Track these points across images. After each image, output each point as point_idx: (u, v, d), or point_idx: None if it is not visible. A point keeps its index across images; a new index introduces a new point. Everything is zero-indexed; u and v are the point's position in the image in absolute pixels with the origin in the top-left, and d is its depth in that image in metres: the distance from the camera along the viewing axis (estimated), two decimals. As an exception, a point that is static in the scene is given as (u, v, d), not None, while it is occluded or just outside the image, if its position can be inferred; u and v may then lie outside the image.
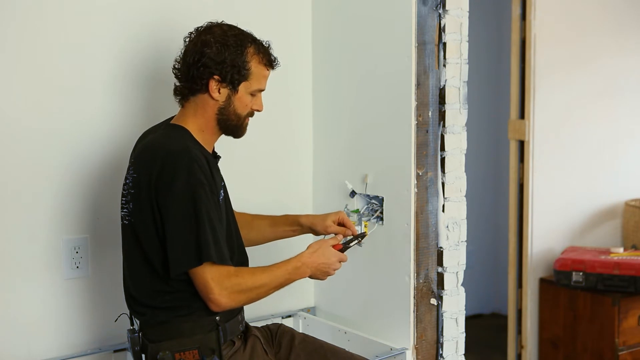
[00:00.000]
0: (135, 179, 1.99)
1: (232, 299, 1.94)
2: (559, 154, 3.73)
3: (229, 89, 2.05)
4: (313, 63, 2.83)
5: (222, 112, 2.07)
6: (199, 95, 2.06)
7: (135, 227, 2.00)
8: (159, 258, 1.97)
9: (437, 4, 2.46)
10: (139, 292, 2.04)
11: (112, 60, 2.39)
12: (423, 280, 2.50)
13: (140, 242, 2.00)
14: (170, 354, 1.98)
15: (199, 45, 2.02)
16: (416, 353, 2.49)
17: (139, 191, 1.98)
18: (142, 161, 2.00)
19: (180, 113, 2.11)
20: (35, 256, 2.30)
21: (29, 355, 2.29)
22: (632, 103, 3.98)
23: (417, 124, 2.45)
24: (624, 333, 3.43)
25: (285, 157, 2.81)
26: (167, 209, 1.92)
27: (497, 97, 4.72)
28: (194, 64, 2.02)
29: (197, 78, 2.03)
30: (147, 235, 1.98)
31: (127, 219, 2.03)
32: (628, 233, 3.90)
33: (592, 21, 3.81)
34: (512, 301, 3.77)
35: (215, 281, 1.91)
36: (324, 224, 2.28)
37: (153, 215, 1.95)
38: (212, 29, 2.06)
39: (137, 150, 2.07)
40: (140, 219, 1.98)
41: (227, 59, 2.02)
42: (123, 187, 2.06)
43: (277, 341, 2.23)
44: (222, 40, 2.02)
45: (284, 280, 2.03)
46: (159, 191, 1.93)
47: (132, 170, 2.02)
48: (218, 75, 2.02)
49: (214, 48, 2.01)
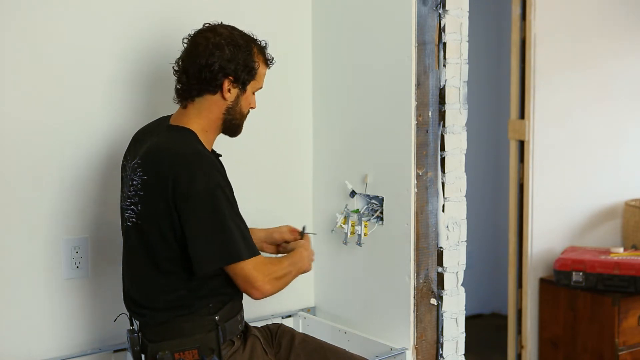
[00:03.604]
0: (145, 181, 1.99)
1: (273, 285, 2.02)
2: (559, 154, 3.73)
3: (239, 89, 2.08)
4: (313, 63, 2.83)
5: (229, 112, 2.09)
6: (206, 96, 2.06)
7: (143, 228, 2.00)
8: (169, 258, 1.98)
9: (437, 4, 2.46)
10: (140, 293, 2.04)
11: (114, 60, 2.39)
12: (423, 280, 2.50)
13: (148, 243, 2.00)
14: (170, 354, 1.98)
15: (210, 47, 2.02)
16: (416, 353, 2.49)
17: (151, 193, 1.97)
18: (153, 163, 1.99)
19: (181, 114, 2.10)
20: (35, 256, 2.30)
21: (29, 355, 2.29)
22: (632, 103, 3.98)
23: (417, 124, 2.45)
24: (624, 333, 3.43)
25: (285, 157, 2.81)
26: (189, 213, 1.93)
27: (497, 97, 4.72)
28: (208, 66, 2.02)
29: (211, 79, 2.03)
30: (158, 236, 1.98)
31: (132, 220, 2.03)
32: (628, 233, 3.90)
33: (592, 21, 3.81)
34: (512, 301, 3.77)
35: (258, 270, 1.98)
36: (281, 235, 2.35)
37: (170, 217, 1.95)
38: (217, 29, 2.06)
39: (141, 152, 2.04)
40: (151, 221, 1.98)
41: (240, 60, 2.04)
42: (128, 188, 2.05)
43: (277, 341, 2.23)
44: (232, 41, 2.04)
45: (297, 270, 2.13)
46: (178, 194, 1.93)
47: (139, 171, 2.00)
48: (232, 75, 2.04)
49: (226, 49, 2.02)
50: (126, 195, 2.06)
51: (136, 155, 2.06)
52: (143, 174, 2.00)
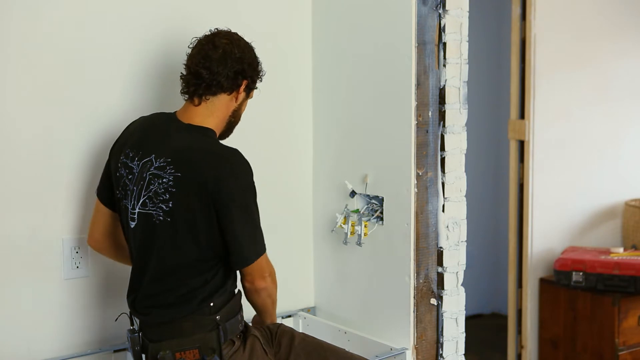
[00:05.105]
0: (179, 178, 1.98)
1: (274, 281, 2.15)
2: (559, 154, 3.73)
3: (245, 93, 2.15)
4: (313, 63, 2.83)
5: (234, 114, 2.15)
6: (220, 96, 2.09)
7: (176, 225, 2.00)
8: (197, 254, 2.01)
9: (437, 4, 2.46)
10: (152, 290, 2.04)
11: (115, 61, 2.39)
12: (423, 280, 2.50)
13: (174, 240, 2.00)
14: (171, 353, 1.98)
15: (236, 50, 2.07)
16: (416, 353, 2.49)
17: (186, 191, 1.98)
18: (188, 162, 1.99)
19: (193, 112, 2.10)
20: (35, 256, 2.29)
21: (29, 355, 2.29)
22: (632, 103, 3.99)
23: (417, 124, 2.45)
24: (624, 333, 3.44)
25: (285, 157, 2.81)
26: (229, 209, 1.99)
27: (497, 97, 4.72)
28: (232, 66, 2.06)
29: (234, 79, 2.08)
30: (192, 232, 1.99)
31: (159, 218, 2.01)
32: (628, 233, 3.90)
33: (592, 21, 3.81)
34: (512, 301, 3.77)
35: (268, 264, 2.12)
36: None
37: (209, 214, 1.98)
38: (235, 35, 2.12)
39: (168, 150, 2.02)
40: (185, 218, 1.99)
41: (255, 65, 2.13)
42: (147, 184, 2.02)
43: (277, 341, 2.23)
44: (249, 47, 2.13)
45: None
46: (216, 192, 1.97)
47: (171, 169, 1.99)
48: (249, 79, 2.11)
49: (247, 54, 2.10)
50: (137, 193, 2.04)
51: (150, 154, 2.04)
52: (175, 171, 1.99)
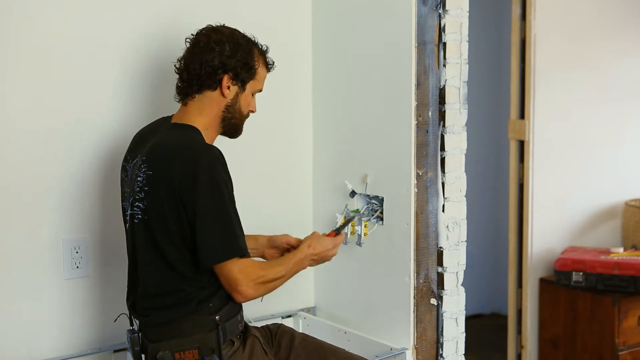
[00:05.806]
0: (150, 177, 1.99)
1: (257, 289, 2.02)
2: (559, 154, 3.73)
3: (238, 87, 2.12)
4: (313, 63, 2.83)
5: (228, 110, 2.12)
6: (206, 93, 2.09)
7: (150, 224, 2.00)
8: (175, 255, 1.99)
9: (437, 4, 2.46)
10: (147, 292, 2.04)
11: (115, 61, 2.39)
12: (423, 280, 2.50)
13: (154, 240, 2.00)
14: (170, 354, 1.98)
15: (211, 44, 2.07)
16: (416, 353, 2.49)
17: (156, 188, 1.98)
18: (157, 158, 2.00)
19: (183, 112, 2.12)
20: (35, 256, 2.29)
21: (29, 355, 2.29)
22: (632, 103, 3.99)
23: (417, 124, 2.45)
24: (624, 333, 3.44)
25: (285, 157, 2.81)
26: (195, 206, 1.95)
27: (497, 97, 4.72)
28: (208, 61, 2.06)
29: (211, 74, 2.07)
30: (164, 232, 1.99)
31: (138, 217, 2.02)
32: (628, 233, 3.90)
33: (592, 21, 3.81)
34: (512, 301, 3.77)
35: (243, 273, 1.98)
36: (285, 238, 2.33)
37: (177, 212, 1.96)
38: (219, 29, 2.12)
39: (145, 149, 2.05)
40: (157, 216, 1.99)
41: (239, 57, 2.09)
42: (131, 186, 2.05)
43: (277, 341, 2.23)
44: (232, 39, 2.10)
45: (294, 272, 2.14)
46: (183, 189, 1.95)
47: (144, 167, 2.01)
48: (232, 72, 2.09)
49: (227, 46, 2.08)
50: (129, 194, 2.06)
51: (138, 154, 2.07)
52: (147, 169, 2.01)
